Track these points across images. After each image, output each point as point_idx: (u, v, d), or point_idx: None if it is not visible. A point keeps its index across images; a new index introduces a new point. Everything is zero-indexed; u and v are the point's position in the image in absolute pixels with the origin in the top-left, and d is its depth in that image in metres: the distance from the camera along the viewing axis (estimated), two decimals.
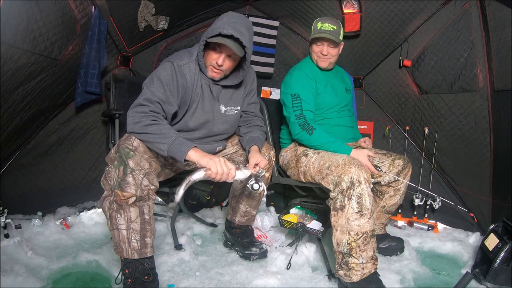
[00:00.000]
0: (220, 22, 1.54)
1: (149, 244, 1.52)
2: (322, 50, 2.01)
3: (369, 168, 1.79)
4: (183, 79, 1.60)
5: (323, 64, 2.05)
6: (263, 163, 1.69)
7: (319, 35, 1.97)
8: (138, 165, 1.46)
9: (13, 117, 1.93)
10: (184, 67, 1.60)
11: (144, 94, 1.53)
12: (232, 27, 1.50)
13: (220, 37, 1.51)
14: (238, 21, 1.54)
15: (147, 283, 1.51)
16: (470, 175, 2.47)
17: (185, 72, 1.60)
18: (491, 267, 1.74)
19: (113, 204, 1.46)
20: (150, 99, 1.51)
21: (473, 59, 2.30)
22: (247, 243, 2.02)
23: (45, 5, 1.70)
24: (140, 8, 2.40)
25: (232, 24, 1.51)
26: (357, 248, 1.61)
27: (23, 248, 1.86)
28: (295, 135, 1.96)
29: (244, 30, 1.53)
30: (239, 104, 1.82)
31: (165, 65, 1.59)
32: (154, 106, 1.51)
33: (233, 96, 1.79)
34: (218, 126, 1.77)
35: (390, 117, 2.87)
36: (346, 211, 1.65)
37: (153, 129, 1.44)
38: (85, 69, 2.17)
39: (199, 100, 1.67)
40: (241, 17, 1.60)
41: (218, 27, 1.51)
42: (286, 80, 2.07)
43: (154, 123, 1.46)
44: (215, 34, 1.51)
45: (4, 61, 1.60)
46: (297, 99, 1.95)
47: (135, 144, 1.49)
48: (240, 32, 1.51)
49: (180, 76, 1.58)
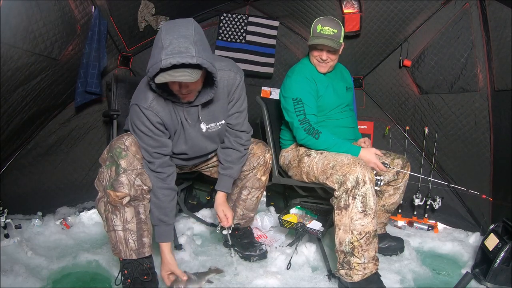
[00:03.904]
0: (156, 52, 1.26)
1: (146, 243, 1.52)
2: (322, 55, 1.92)
3: (378, 166, 1.78)
4: (157, 118, 1.46)
5: (322, 70, 1.98)
6: (229, 218, 1.72)
7: (318, 41, 1.87)
8: (130, 165, 1.45)
9: (13, 117, 1.93)
10: (152, 106, 1.45)
11: (141, 148, 1.51)
12: (170, 53, 1.22)
13: (163, 72, 1.25)
14: (175, 37, 1.24)
15: (146, 283, 1.51)
16: (470, 175, 2.47)
17: (156, 111, 1.45)
18: (491, 267, 1.74)
19: (108, 206, 1.46)
20: (148, 150, 1.50)
21: (473, 59, 2.30)
22: (246, 244, 2.01)
23: (45, 5, 1.71)
24: (140, 8, 2.41)
25: (169, 49, 1.23)
26: (359, 248, 1.61)
27: (23, 248, 1.86)
28: (300, 140, 1.92)
29: (186, 45, 1.24)
30: (223, 117, 1.64)
31: (135, 110, 1.47)
32: (156, 159, 1.52)
33: (214, 110, 1.60)
34: (198, 149, 1.68)
35: (390, 117, 2.87)
36: (350, 210, 1.64)
37: (154, 199, 1.54)
38: (85, 69, 2.18)
39: (180, 130, 1.57)
40: (179, 28, 1.28)
41: (156, 61, 1.24)
42: (286, 84, 2.01)
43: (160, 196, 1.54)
44: (157, 72, 1.26)
45: (4, 61, 1.60)
46: (299, 103, 1.90)
47: (127, 143, 1.48)
48: (182, 53, 1.22)
49: (153, 116, 1.45)
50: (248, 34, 3.06)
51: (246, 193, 1.95)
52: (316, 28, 1.92)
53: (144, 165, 1.51)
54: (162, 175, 1.54)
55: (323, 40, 1.87)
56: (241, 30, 3.05)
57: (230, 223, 1.73)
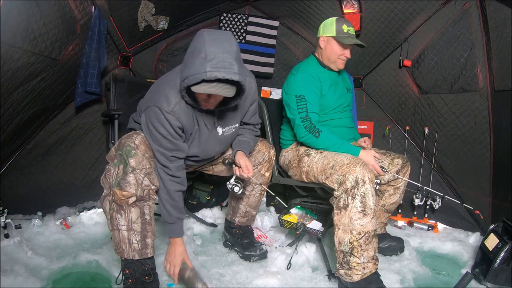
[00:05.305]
0: (198, 62, 1.29)
1: (149, 244, 1.52)
2: (346, 53, 1.98)
3: (376, 169, 1.79)
4: (178, 122, 1.49)
5: (341, 66, 2.03)
6: (250, 168, 1.67)
7: (353, 41, 1.93)
8: (139, 164, 1.45)
9: (13, 117, 1.93)
10: (174, 111, 1.46)
11: (156, 151, 1.51)
12: (215, 66, 1.26)
13: (204, 83, 1.30)
14: (219, 51, 1.29)
15: (147, 284, 1.51)
16: (470, 175, 2.47)
17: (177, 116, 1.47)
18: (491, 267, 1.74)
19: (113, 205, 1.46)
20: (164, 154, 1.51)
21: (473, 59, 2.30)
22: (247, 244, 2.01)
23: (45, 5, 1.71)
24: (140, 8, 2.41)
25: (214, 61, 1.26)
26: (358, 248, 1.61)
27: (23, 248, 1.86)
28: (300, 138, 1.93)
29: (230, 60, 1.29)
30: (237, 121, 1.71)
31: (155, 112, 1.46)
32: (172, 163, 1.53)
33: (231, 115, 1.66)
34: (211, 152, 1.71)
35: (390, 117, 2.87)
36: (350, 210, 1.65)
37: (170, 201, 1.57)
38: (85, 69, 2.18)
39: (195, 133, 1.59)
40: (222, 41, 1.32)
41: (199, 71, 1.27)
42: (290, 81, 2.01)
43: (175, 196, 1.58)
44: (198, 81, 1.29)
45: (4, 61, 1.60)
46: (302, 101, 1.91)
47: (137, 142, 1.48)
48: (226, 69, 1.27)
49: (174, 121, 1.47)
50: (248, 34, 3.06)
51: (249, 189, 1.95)
52: (342, 29, 1.95)
53: (157, 170, 1.53)
54: (179, 179, 1.57)
55: (354, 40, 1.95)
56: (241, 30, 3.05)
57: (251, 172, 1.67)
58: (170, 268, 1.60)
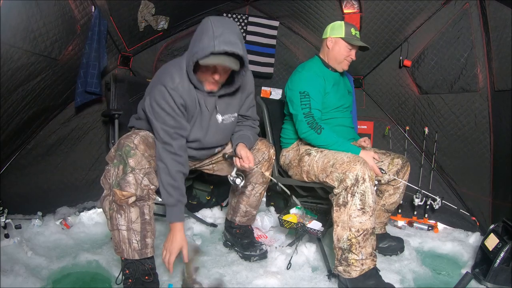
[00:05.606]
0: (207, 38, 1.41)
1: (149, 244, 1.52)
2: (352, 54, 2.05)
3: (375, 170, 1.79)
4: (181, 99, 1.54)
5: (346, 68, 2.10)
6: (251, 160, 1.67)
7: (360, 43, 2.00)
8: (138, 164, 1.45)
9: (13, 117, 1.93)
10: (178, 88, 1.53)
11: (159, 129, 1.52)
12: (223, 41, 1.39)
13: (213, 56, 1.41)
14: (226, 31, 1.42)
15: (147, 283, 1.51)
16: (470, 175, 2.47)
17: (180, 93, 1.53)
18: (491, 267, 1.74)
19: (113, 205, 1.46)
20: (167, 131, 1.52)
21: (473, 59, 2.30)
22: (247, 243, 2.01)
23: (45, 5, 1.71)
24: (140, 8, 2.41)
25: (222, 38, 1.39)
26: (357, 245, 1.62)
27: (23, 248, 1.86)
28: (302, 134, 1.95)
29: (235, 39, 1.43)
30: (236, 110, 1.75)
31: (160, 90, 1.52)
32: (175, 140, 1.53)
33: (230, 103, 1.72)
34: (211, 138, 1.72)
35: (390, 117, 2.88)
36: (349, 207, 1.65)
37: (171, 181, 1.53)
38: (85, 69, 2.17)
39: (197, 115, 1.63)
40: (227, 24, 1.48)
41: (208, 45, 1.40)
42: (295, 78, 2.04)
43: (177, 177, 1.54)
44: (206, 55, 1.40)
45: (4, 61, 1.60)
46: (306, 97, 1.93)
47: (136, 142, 1.49)
48: (232, 44, 1.40)
49: (177, 97, 1.53)
50: (248, 34, 3.06)
51: (250, 188, 1.95)
52: (350, 31, 2.02)
53: (159, 151, 1.52)
54: (181, 159, 1.55)
55: (361, 42, 2.02)
56: (241, 30, 3.05)
57: (252, 163, 1.68)
58: (166, 255, 1.53)
